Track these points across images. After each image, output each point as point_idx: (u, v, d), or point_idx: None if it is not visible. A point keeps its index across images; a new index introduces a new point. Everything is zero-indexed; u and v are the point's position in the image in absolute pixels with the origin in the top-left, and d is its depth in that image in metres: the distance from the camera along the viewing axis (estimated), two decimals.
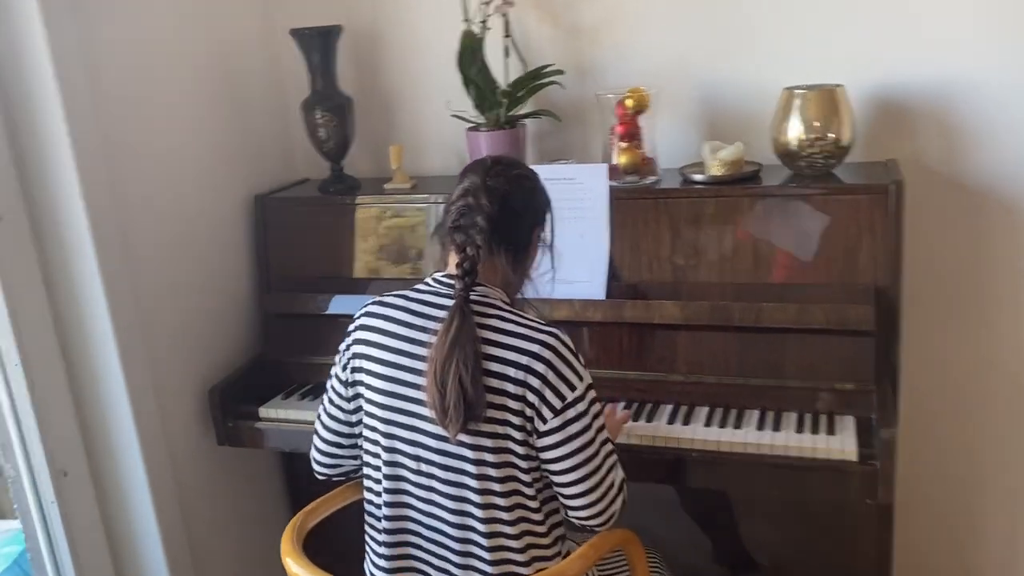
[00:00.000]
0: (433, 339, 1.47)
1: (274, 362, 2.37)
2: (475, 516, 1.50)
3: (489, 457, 1.47)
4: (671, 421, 1.95)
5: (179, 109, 2.25)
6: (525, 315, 1.52)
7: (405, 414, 1.52)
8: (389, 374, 1.53)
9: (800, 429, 1.87)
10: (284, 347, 2.37)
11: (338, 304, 2.30)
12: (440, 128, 2.47)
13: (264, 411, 2.23)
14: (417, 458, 1.52)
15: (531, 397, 1.45)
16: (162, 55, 2.19)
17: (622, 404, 2.01)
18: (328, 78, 2.38)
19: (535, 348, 1.46)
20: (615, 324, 2.07)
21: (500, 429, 1.47)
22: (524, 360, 1.45)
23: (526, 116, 2.29)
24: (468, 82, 2.26)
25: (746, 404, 1.98)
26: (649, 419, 1.96)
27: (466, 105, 2.31)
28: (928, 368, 2.26)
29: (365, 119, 2.55)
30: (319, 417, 1.67)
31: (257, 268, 2.46)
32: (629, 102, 2.12)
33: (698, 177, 2.11)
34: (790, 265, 2.00)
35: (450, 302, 1.49)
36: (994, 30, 2.05)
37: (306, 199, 2.47)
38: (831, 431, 1.85)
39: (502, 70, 2.29)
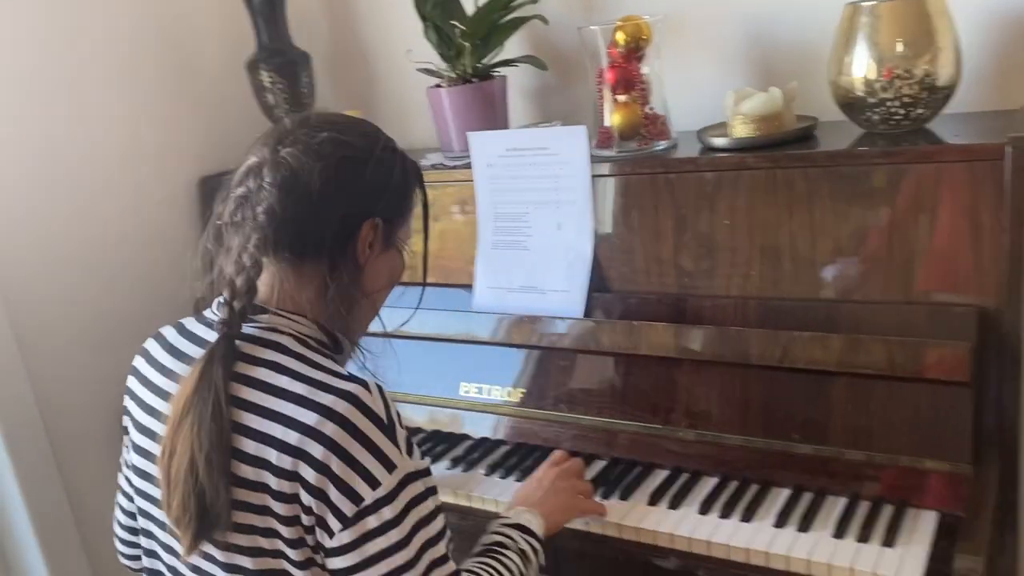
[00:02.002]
0: None
1: None
2: None
3: None
4: (654, 500, 1.32)
5: (103, 72, 1.86)
6: (320, 363, 0.97)
7: (157, 504, 1.02)
8: (143, 444, 1.04)
9: (841, 530, 1.19)
10: None
11: None
12: (421, 87, 1.94)
13: None
14: (175, 572, 1.02)
15: (307, 498, 0.91)
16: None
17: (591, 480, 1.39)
18: (275, 27, 1.91)
19: (311, 419, 0.91)
20: (594, 353, 1.47)
21: (266, 543, 0.94)
22: (293, 438, 0.91)
23: (499, 65, 1.71)
24: (427, 22, 1.70)
25: (773, 478, 1.32)
26: (626, 495, 1.35)
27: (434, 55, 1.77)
28: None
29: (333, 78, 2.06)
30: (117, 488, 1.20)
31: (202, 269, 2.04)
32: (620, 36, 1.49)
33: (719, 142, 1.45)
34: (846, 273, 1.31)
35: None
36: None
37: None
38: (890, 538, 1.16)
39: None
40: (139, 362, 1.07)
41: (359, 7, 2.03)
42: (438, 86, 1.73)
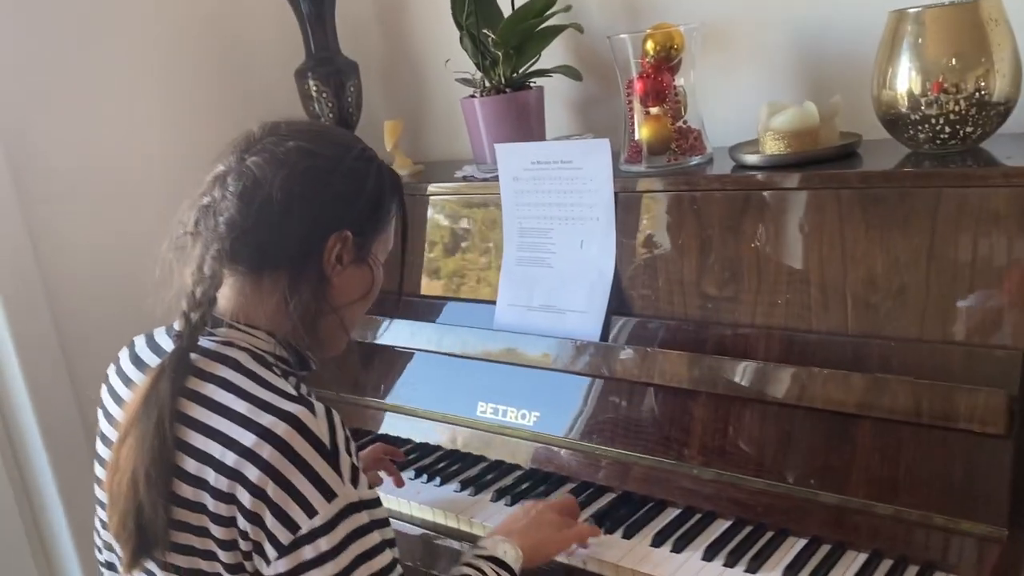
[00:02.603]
0: None
1: None
2: None
3: None
4: (658, 541, 1.24)
5: (153, 76, 1.91)
6: (269, 381, 0.93)
7: None
8: (102, 454, 1.03)
9: None
10: None
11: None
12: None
13: None
14: None
15: (243, 523, 0.88)
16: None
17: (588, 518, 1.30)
18: (324, 36, 1.91)
19: (249, 440, 0.88)
20: (608, 380, 1.39)
21: (206, 566, 0.91)
22: (231, 459, 0.88)
23: (535, 75, 1.65)
24: (462, 31, 1.67)
25: (789, 526, 1.21)
26: (630, 533, 1.26)
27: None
28: None
29: (383, 88, 2.05)
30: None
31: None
32: (650, 45, 1.41)
33: (749, 159, 1.35)
34: (879, 306, 1.19)
35: None
36: None
37: None
38: None
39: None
40: (110, 370, 1.07)
41: (409, 16, 2.01)
42: (472, 96, 1.69)
